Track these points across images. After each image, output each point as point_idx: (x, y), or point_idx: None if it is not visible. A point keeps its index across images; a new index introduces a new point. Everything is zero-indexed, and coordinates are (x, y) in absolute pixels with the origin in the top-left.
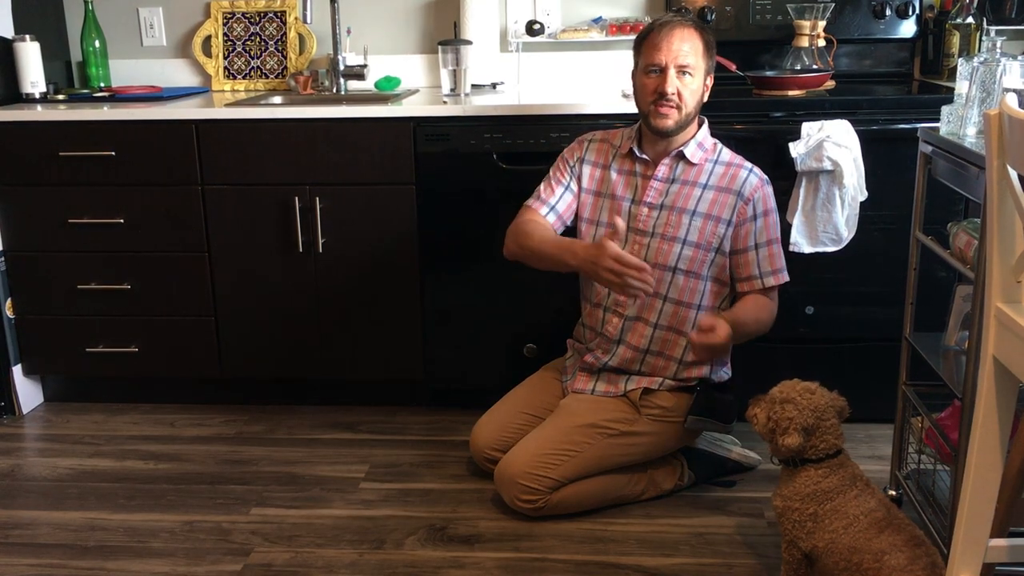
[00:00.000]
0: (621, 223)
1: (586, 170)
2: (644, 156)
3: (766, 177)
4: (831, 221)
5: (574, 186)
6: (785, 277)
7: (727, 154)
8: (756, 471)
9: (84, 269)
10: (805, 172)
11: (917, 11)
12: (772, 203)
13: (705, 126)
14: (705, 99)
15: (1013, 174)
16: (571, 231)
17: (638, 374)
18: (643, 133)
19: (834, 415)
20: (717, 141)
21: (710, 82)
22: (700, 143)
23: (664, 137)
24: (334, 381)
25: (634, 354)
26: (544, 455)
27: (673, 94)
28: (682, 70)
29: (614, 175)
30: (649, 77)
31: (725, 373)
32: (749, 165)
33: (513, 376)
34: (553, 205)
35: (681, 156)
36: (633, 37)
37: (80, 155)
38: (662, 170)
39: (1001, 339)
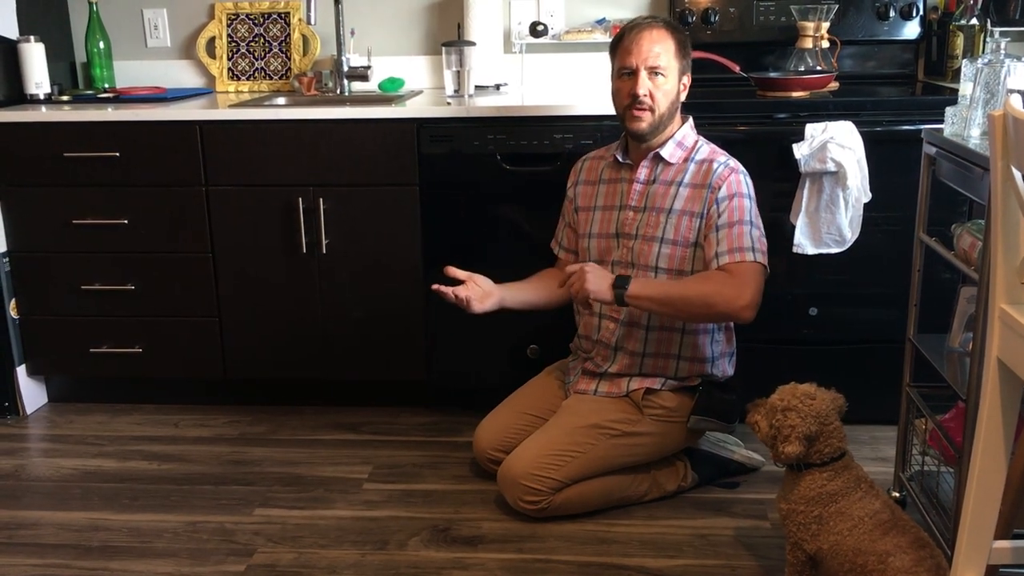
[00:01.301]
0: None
1: (579, 190)
2: (627, 161)
3: (741, 167)
4: (835, 222)
5: (569, 216)
6: (746, 256)
7: (705, 150)
8: (759, 472)
9: (88, 270)
10: (809, 173)
11: (921, 12)
12: (742, 188)
13: (687, 124)
14: (683, 99)
15: (1017, 175)
16: None
17: (639, 375)
18: (627, 138)
19: (836, 418)
20: (700, 138)
21: (688, 81)
22: (679, 142)
23: (641, 140)
24: (337, 382)
25: (632, 359)
26: (547, 456)
27: (645, 96)
28: (653, 71)
29: (603, 186)
30: (622, 80)
31: (728, 369)
32: (723, 159)
33: (516, 377)
34: (560, 241)
35: (659, 157)
36: None
37: (84, 156)
38: (642, 172)
39: (1005, 341)
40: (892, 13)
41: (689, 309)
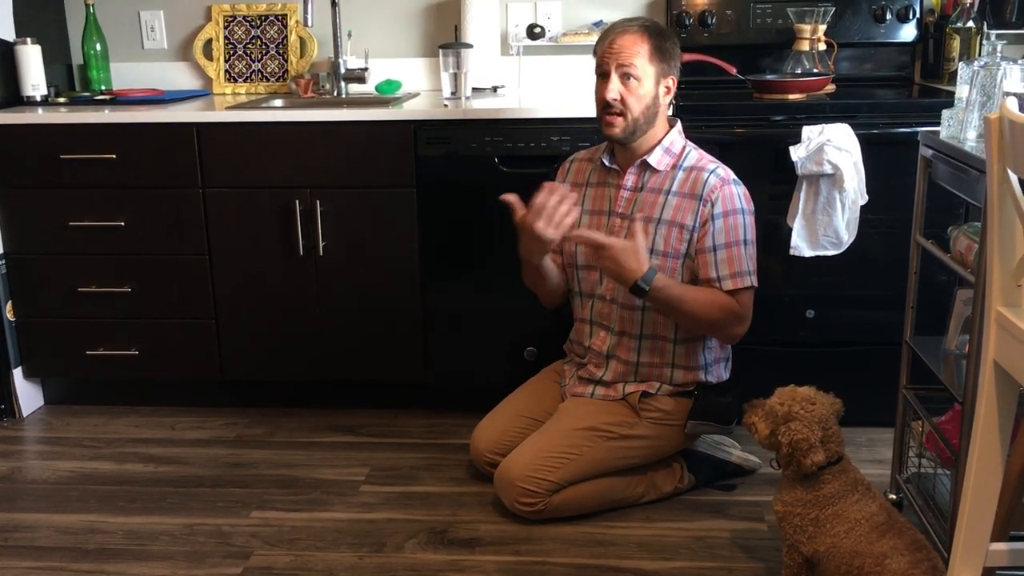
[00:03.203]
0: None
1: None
2: (614, 167)
3: (733, 177)
4: (831, 225)
5: None
6: (746, 282)
7: (693, 157)
8: (756, 475)
9: (85, 272)
10: (806, 176)
11: (917, 15)
12: (737, 203)
13: (675, 129)
14: (665, 103)
15: (1013, 178)
16: None
17: (635, 381)
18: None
19: (835, 422)
20: (688, 143)
21: (671, 84)
22: (667, 148)
23: (618, 144)
24: (334, 384)
25: (626, 367)
26: (544, 458)
27: (615, 100)
28: (625, 75)
29: (590, 190)
30: (598, 84)
31: (724, 374)
32: (712, 166)
33: (513, 379)
34: None
35: (647, 164)
36: None
37: (81, 158)
38: (630, 179)
39: (1001, 343)
40: (889, 16)
41: (695, 326)
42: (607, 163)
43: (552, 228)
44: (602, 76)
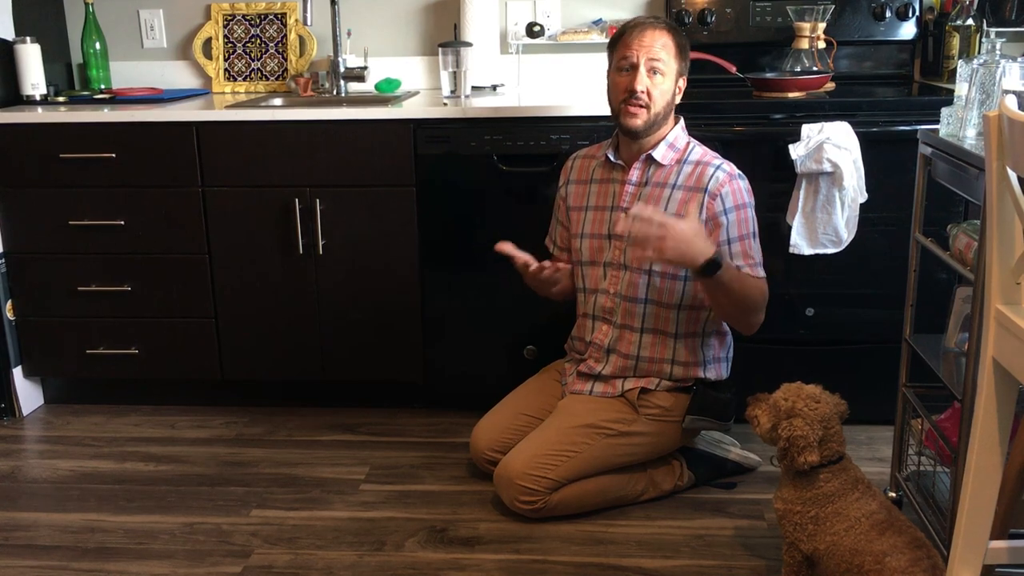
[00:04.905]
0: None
1: (571, 189)
2: (619, 162)
3: (738, 172)
4: (831, 223)
5: (561, 215)
6: (761, 272)
7: (698, 152)
8: (756, 472)
9: (85, 271)
10: (805, 174)
11: (917, 13)
12: (744, 198)
13: (679, 125)
14: (677, 101)
15: (1012, 176)
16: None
17: (634, 376)
18: (619, 137)
19: (838, 422)
20: (691, 140)
21: (683, 84)
22: (671, 144)
23: (634, 138)
24: (334, 383)
25: (626, 361)
26: (543, 456)
27: (642, 92)
28: (653, 69)
29: (595, 186)
30: (621, 75)
31: (723, 372)
32: (718, 162)
33: (513, 378)
34: (554, 239)
35: (651, 159)
36: None
37: (81, 157)
38: (635, 174)
39: (1001, 341)
40: (888, 14)
41: (738, 310)
42: (612, 158)
43: (550, 285)
44: (628, 68)
